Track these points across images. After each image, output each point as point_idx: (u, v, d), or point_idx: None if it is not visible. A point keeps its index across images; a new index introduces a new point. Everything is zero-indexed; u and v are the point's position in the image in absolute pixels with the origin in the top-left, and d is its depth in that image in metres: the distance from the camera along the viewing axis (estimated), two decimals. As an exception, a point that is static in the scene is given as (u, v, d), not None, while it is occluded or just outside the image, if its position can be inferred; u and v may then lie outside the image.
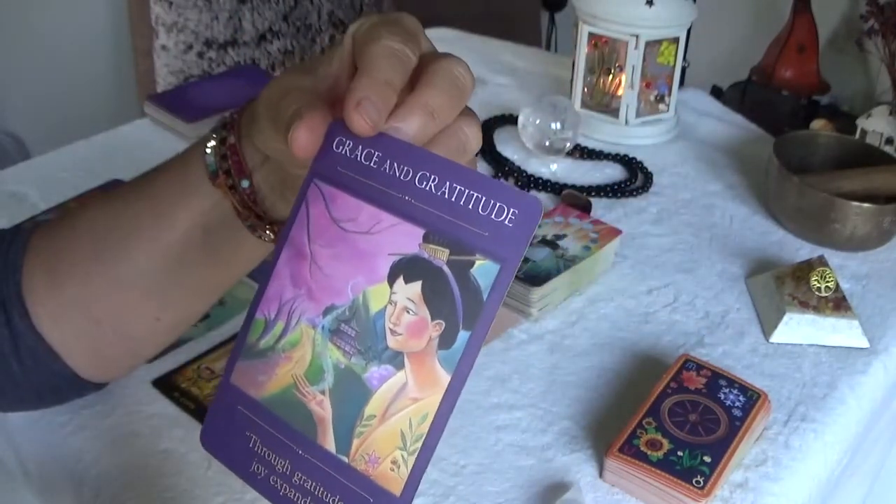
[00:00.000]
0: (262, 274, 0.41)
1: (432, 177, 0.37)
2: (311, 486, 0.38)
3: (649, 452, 0.63)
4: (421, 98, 0.39)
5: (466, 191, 0.36)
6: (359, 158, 0.39)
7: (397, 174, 0.38)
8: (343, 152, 0.39)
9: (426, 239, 0.37)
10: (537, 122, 1.02)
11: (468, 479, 0.64)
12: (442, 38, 1.40)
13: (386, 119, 0.38)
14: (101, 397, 0.68)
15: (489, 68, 1.30)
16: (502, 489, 0.63)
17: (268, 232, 0.51)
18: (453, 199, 0.37)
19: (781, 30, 1.95)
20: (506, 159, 1.04)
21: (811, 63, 1.92)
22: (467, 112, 0.41)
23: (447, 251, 0.36)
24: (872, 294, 0.85)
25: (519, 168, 1.03)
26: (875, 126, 1.48)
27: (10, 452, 0.72)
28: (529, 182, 1.00)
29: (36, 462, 0.69)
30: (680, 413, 0.66)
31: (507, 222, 0.36)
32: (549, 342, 0.77)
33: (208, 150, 0.50)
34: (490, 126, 1.12)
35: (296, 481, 0.38)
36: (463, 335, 0.36)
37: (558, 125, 1.01)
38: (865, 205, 0.86)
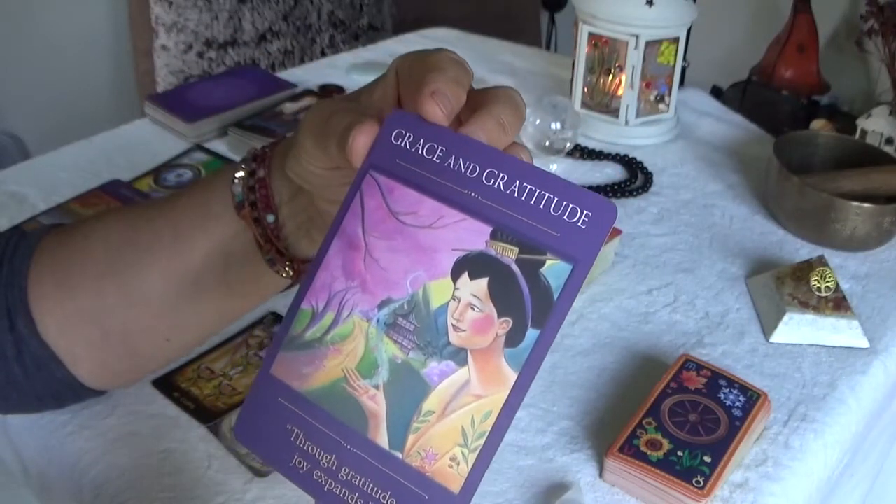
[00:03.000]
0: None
1: (501, 175, 0.37)
2: (359, 482, 0.37)
3: (649, 452, 0.63)
4: (493, 109, 0.39)
5: (537, 191, 0.36)
6: (420, 152, 0.39)
7: (463, 170, 0.38)
8: (403, 145, 0.39)
9: (494, 236, 0.37)
10: (537, 122, 1.02)
11: (468, 479, 0.64)
12: (442, 38, 1.40)
13: (453, 119, 0.39)
14: (102, 397, 0.68)
15: (489, 68, 1.30)
16: (502, 489, 0.63)
17: (287, 269, 0.51)
18: (523, 197, 0.36)
19: (781, 30, 1.95)
20: (506, 159, 1.04)
21: (811, 63, 1.92)
22: (521, 143, 0.42)
23: (516, 249, 0.36)
24: (872, 294, 0.85)
25: (519, 168, 1.03)
26: (875, 126, 1.48)
27: (10, 453, 0.72)
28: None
29: (36, 462, 0.69)
30: (680, 413, 0.66)
31: (579, 224, 0.35)
32: (549, 342, 0.77)
33: (236, 181, 0.50)
34: (490, 126, 1.12)
35: (342, 477, 0.37)
36: (532, 333, 0.36)
37: (558, 125, 1.01)
38: (865, 205, 0.86)
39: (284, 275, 0.51)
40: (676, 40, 1.07)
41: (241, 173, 0.50)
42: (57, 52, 1.92)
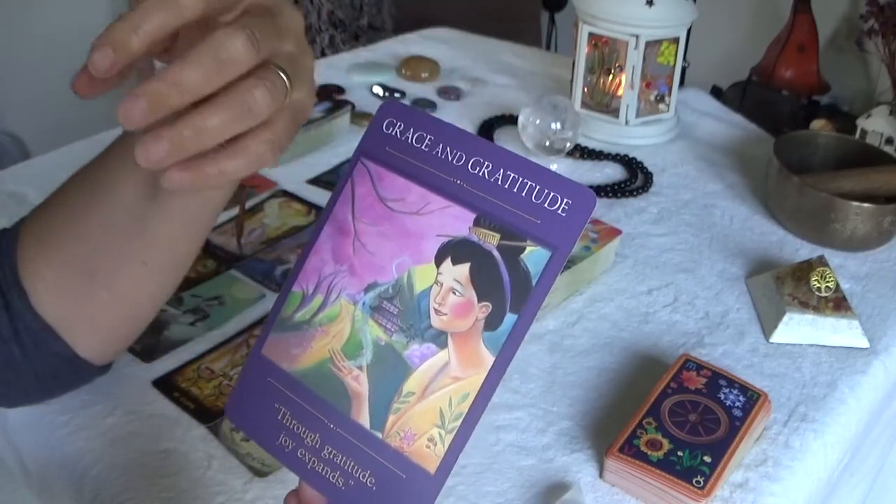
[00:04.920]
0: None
1: (486, 163, 0.38)
2: (340, 461, 0.38)
3: (649, 452, 0.63)
4: (169, 72, 0.38)
5: (520, 179, 0.37)
6: (410, 141, 0.40)
7: (450, 158, 0.39)
8: (393, 133, 0.40)
9: (477, 223, 0.38)
10: (537, 122, 1.02)
11: (468, 479, 0.64)
12: (442, 38, 1.40)
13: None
14: (101, 397, 0.68)
15: (489, 68, 1.30)
16: (502, 489, 0.63)
17: None
18: (506, 185, 0.37)
19: (781, 30, 1.95)
20: (506, 159, 1.04)
21: (811, 63, 1.92)
22: (266, 71, 0.41)
23: (498, 236, 0.37)
24: (872, 294, 0.85)
25: (519, 168, 1.03)
26: (875, 126, 1.48)
27: (10, 452, 0.72)
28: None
29: (36, 462, 0.69)
30: (680, 413, 0.66)
31: (559, 211, 0.36)
32: (549, 342, 0.77)
33: None
34: (490, 126, 1.12)
35: (325, 455, 0.38)
36: (510, 318, 0.36)
37: (558, 125, 1.01)
38: (865, 205, 0.86)
39: None
40: (676, 40, 1.07)
41: None
42: (57, 52, 1.92)
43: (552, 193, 0.36)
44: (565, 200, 0.36)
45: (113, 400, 0.69)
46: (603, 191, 0.99)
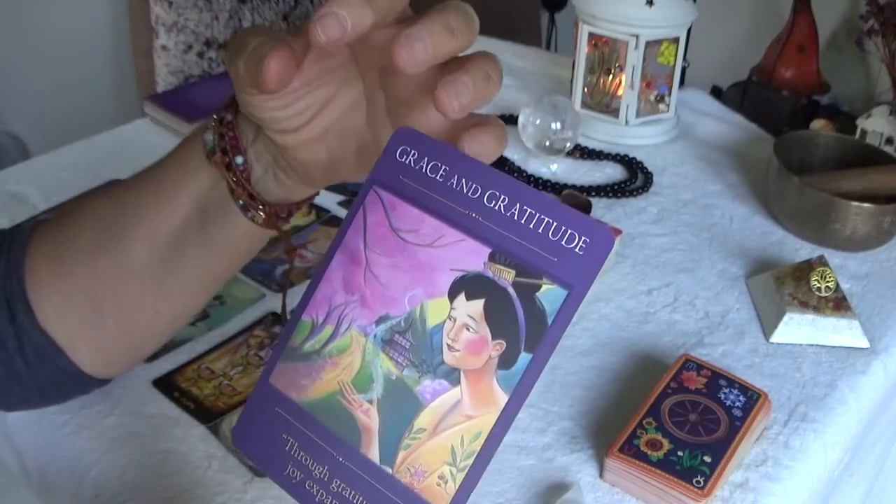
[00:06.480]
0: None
1: (502, 197, 0.37)
2: (349, 495, 0.37)
3: (649, 452, 0.63)
4: (440, 15, 0.37)
5: (537, 214, 0.36)
6: (424, 170, 0.39)
7: (465, 190, 0.38)
8: (407, 162, 0.39)
9: (492, 258, 0.37)
10: (537, 122, 1.02)
11: (468, 479, 0.64)
12: (442, 38, 1.40)
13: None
14: (101, 397, 0.68)
15: (489, 68, 1.30)
16: (502, 489, 0.63)
17: (260, 212, 0.51)
18: (522, 221, 0.36)
19: (781, 30, 1.95)
20: (506, 159, 1.04)
21: (811, 63, 1.92)
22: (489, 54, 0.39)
23: (513, 272, 0.36)
24: (872, 294, 0.85)
25: (519, 168, 1.03)
26: (875, 126, 1.48)
27: (10, 453, 0.72)
28: (529, 182, 1.00)
29: (36, 462, 0.69)
30: (680, 413, 0.66)
31: (577, 250, 0.35)
32: (549, 342, 0.77)
33: (208, 130, 0.51)
34: (490, 126, 1.12)
35: (333, 488, 0.38)
36: (524, 357, 0.36)
37: (558, 125, 1.01)
38: (865, 205, 0.86)
39: (259, 221, 0.51)
40: (676, 40, 1.07)
41: (213, 123, 0.51)
42: (57, 52, 1.92)
43: (569, 231, 0.36)
44: (583, 239, 0.35)
45: (113, 400, 0.69)
46: (603, 191, 0.99)
